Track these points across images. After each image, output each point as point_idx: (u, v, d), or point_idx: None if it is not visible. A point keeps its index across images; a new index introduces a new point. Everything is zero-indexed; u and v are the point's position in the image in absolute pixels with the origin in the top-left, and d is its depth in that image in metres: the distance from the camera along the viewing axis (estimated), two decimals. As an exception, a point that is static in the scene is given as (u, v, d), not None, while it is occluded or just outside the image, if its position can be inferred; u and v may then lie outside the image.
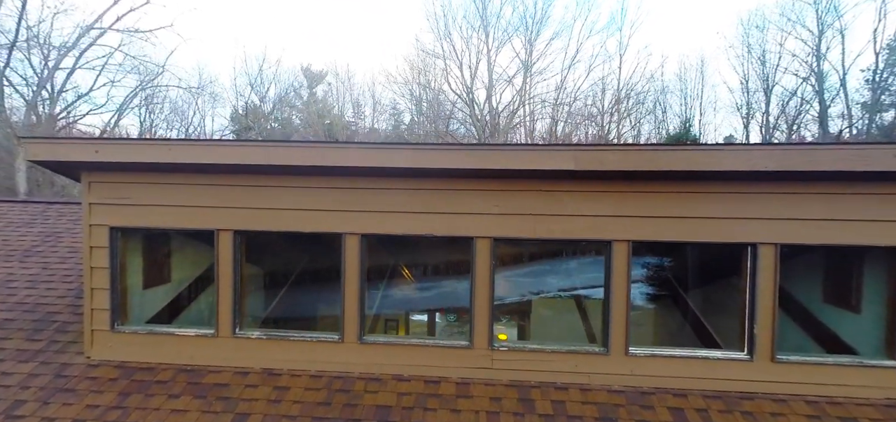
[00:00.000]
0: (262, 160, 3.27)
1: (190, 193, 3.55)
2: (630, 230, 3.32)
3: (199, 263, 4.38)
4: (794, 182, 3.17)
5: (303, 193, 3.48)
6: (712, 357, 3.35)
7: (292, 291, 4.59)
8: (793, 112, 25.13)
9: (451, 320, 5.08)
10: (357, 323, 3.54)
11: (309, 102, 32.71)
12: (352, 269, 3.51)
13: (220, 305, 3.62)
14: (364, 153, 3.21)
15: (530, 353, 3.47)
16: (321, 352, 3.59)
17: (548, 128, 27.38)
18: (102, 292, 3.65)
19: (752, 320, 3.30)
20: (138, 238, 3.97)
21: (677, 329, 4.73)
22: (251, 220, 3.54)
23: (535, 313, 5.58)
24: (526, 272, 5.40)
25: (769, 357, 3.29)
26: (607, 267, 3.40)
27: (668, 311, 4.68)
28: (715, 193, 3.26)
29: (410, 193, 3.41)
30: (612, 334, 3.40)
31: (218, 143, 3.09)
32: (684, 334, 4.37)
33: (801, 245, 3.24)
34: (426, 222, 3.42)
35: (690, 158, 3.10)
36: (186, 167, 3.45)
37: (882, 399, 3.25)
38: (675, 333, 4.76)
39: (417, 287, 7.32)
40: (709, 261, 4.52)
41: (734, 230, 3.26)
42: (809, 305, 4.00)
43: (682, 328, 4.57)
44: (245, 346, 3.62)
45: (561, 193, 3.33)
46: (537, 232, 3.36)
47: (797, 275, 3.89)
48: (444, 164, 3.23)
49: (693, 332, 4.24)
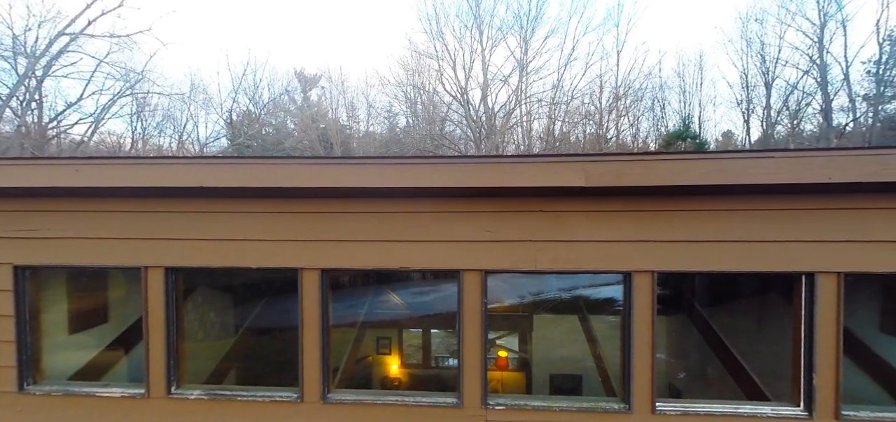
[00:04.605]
0: (192, 182, 2.60)
1: (112, 223, 2.89)
2: (655, 259, 2.66)
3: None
4: (860, 195, 2.53)
5: (248, 220, 2.82)
6: (761, 415, 2.70)
7: (247, 338, 3.94)
8: (794, 106, 24.58)
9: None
10: (319, 378, 2.87)
11: (303, 107, 32.04)
12: (311, 312, 2.84)
13: (150, 358, 2.94)
14: (316, 170, 2.55)
15: (534, 412, 2.80)
16: (277, 416, 2.92)
17: (545, 128, 26.79)
18: (7, 346, 2.97)
19: (810, 367, 2.65)
20: (60, 274, 3.30)
21: (709, 375, 4.07)
22: (187, 254, 2.87)
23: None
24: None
25: (833, 415, 2.64)
26: (627, 303, 2.74)
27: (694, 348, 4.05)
28: (760, 211, 2.61)
29: (380, 218, 2.75)
30: (634, 387, 2.74)
31: (137, 161, 2.42)
32: (720, 383, 3.70)
33: (869, 274, 2.59)
34: (401, 253, 2.76)
35: (732, 168, 2.45)
36: (103, 192, 2.79)
37: (974, 463, 2.60)
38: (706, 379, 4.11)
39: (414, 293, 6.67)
40: (752, 291, 3.90)
41: (785, 257, 2.60)
42: (865, 337, 3.35)
43: (717, 374, 3.92)
44: (183, 409, 2.94)
45: (568, 213, 2.68)
46: (539, 263, 2.70)
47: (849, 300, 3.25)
48: (423, 182, 2.57)
49: (733, 380, 3.59)
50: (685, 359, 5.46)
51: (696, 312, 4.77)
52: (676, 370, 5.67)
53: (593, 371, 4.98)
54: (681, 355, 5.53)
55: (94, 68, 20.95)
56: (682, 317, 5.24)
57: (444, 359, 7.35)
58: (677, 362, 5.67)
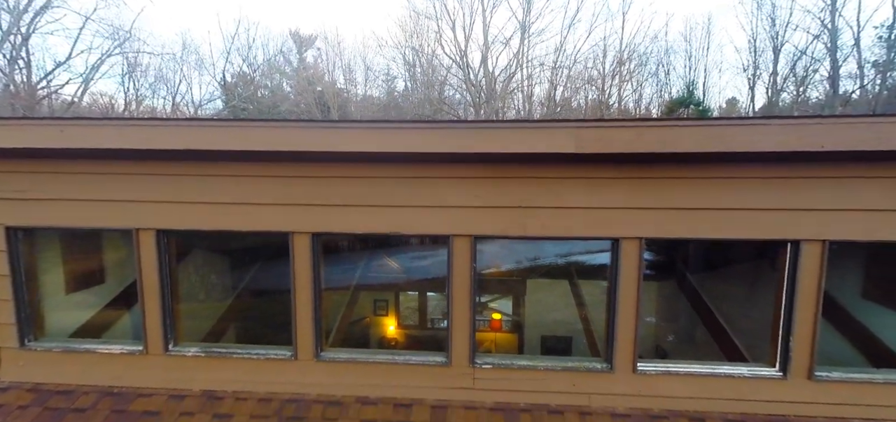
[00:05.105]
0: (178, 145, 2.57)
1: (101, 185, 2.88)
2: (643, 225, 2.68)
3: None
4: (851, 164, 2.52)
5: (239, 184, 2.81)
6: (737, 375, 2.80)
7: (243, 298, 4.01)
8: (801, 72, 24.02)
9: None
10: (312, 337, 2.95)
11: (299, 69, 31.23)
12: (303, 274, 2.89)
13: (146, 318, 3.01)
14: (305, 134, 2.52)
15: (519, 371, 2.90)
16: (271, 371, 3.02)
17: (546, 93, 26.26)
18: (5, 304, 3.03)
19: (788, 331, 2.72)
20: (54, 235, 3.32)
21: (697, 338, 4.17)
22: (178, 217, 2.87)
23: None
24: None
25: (806, 375, 2.74)
26: (614, 269, 2.78)
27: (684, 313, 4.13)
28: (749, 179, 2.61)
29: (371, 182, 2.74)
30: (617, 348, 2.83)
31: (123, 122, 2.38)
32: (707, 346, 3.80)
33: (854, 242, 2.61)
34: (391, 218, 2.77)
35: (725, 135, 2.42)
36: (92, 153, 2.76)
37: (938, 422, 2.73)
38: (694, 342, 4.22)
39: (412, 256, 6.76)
40: (742, 257, 3.94)
41: (772, 225, 2.62)
42: (847, 302, 3.43)
43: (698, 335, 4.02)
44: (180, 365, 3.04)
45: (558, 180, 2.67)
46: (528, 229, 2.72)
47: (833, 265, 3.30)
48: (412, 147, 2.54)
49: (713, 341, 3.69)
50: (675, 322, 5.61)
51: (685, 277, 4.86)
52: (666, 333, 5.84)
53: (583, 333, 5.12)
54: (671, 319, 5.68)
55: (82, 26, 20.29)
56: (672, 282, 5.33)
57: (439, 320, 7.54)
58: (667, 326, 5.83)
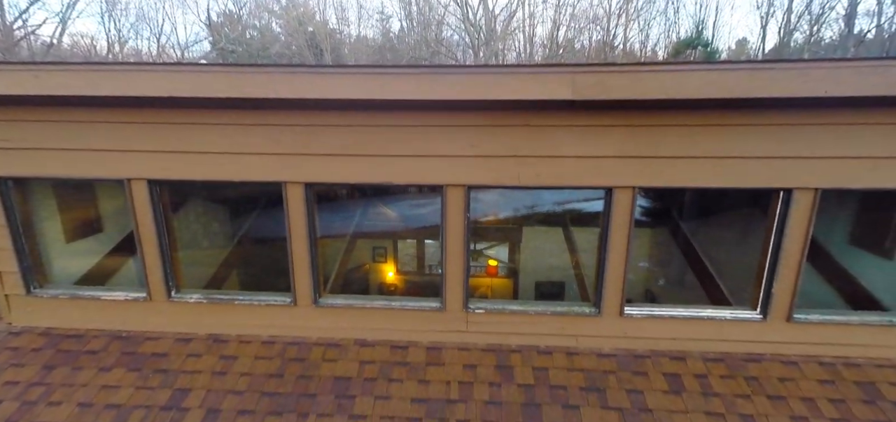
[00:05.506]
0: (160, 92, 2.49)
1: (89, 134, 2.82)
2: (636, 174, 2.67)
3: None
4: (849, 110, 2.47)
5: (230, 133, 2.75)
6: (719, 318, 2.92)
7: (245, 245, 4.07)
8: (817, 8, 22.89)
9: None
10: (310, 284, 3.04)
11: (288, 7, 29.55)
12: (298, 224, 2.91)
13: (147, 266, 3.08)
14: (292, 80, 2.43)
15: (511, 315, 3.02)
16: (273, 316, 3.13)
17: (549, 33, 25.14)
18: (5, 252, 3.08)
19: (772, 276, 2.81)
20: (47, 185, 3.31)
21: (688, 282, 4.28)
22: (169, 167, 2.84)
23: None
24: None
25: (785, 317, 2.86)
26: (606, 217, 2.81)
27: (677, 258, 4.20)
28: (745, 126, 2.56)
29: (363, 131, 2.69)
30: (605, 294, 2.93)
31: (99, 67, 2.30)
32: (698, 289, 3.91)
33: (846, 190, 2.62)
34: (385, 168, 2.75)
35: (727, 81, 2.33)
36: (73, 101, 2.68)
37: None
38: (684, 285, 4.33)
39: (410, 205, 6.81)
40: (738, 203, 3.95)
41: (767, 173, 2.61)
42: (832, 248, 3.50)
43: (689, 280, 4.13)
44: (185, 310, 3.15)
45: (552, 128, 2.62)
46: (522, 178, 2.71)
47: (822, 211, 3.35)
48: (403, 93, 2.46)
49: (700, 286, 3.80)
50: (667, 267, 5.76)
51: (679, 224, 4.92)
52: (657, 277, 6.01)
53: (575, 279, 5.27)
54: (663, 264, 5.82)
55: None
56: (667, 228, 5.41)
57: (437, 267, 7.72)
58: (659, 271, 5.99)
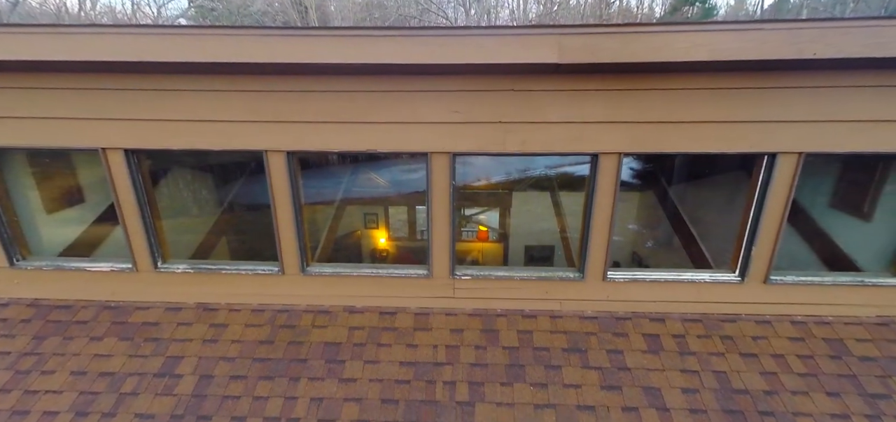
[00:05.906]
0: (128, 56, 2.37)
1: (60, 102, 2.70)
2: (622, 140, 2.65)
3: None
4: (836, 72, 2.44)
5: (209, 100, 2.65)
6: (698, 280, 3.00)
7: (233, 213, 4.02)
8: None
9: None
10: (296, 254, 3.04)
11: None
12: (281, 193, 2.88)
13: (130, 237, 3.05)
14: (264, 44, 2.32)
15: (496, 281, 3.07)
16: (262, 285, 3.16)
17: (543, -10, 24.12)
18: (-17, 226, 3.03)
19: (752, 239, 2.86)
20: (21, 155, 3.21)
21: (675, 244, 4.34)
22: (145, 136, 2.76)
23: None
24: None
25: (762, 279, 2.94)
26: (591, 183, 2.81)
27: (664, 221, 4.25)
28: (731, 89, 2.53)
29: (345, 96, 2.61)
30: (589, 258, 2.98)
31: (63, 29, 2.18)
32: (683, 252, 3.98)
33: (831, 154, 2.63)
34: (368, 135, 2.69)
35: (717, 42, 2.27)
36: (37, 66, 2.55)
37: (873, 317, 3.01)
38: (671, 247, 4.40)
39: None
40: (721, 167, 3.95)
41: (751, 137, 2.61)
42: (812, 210, 3.56)
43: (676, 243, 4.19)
44: (173, 280, 3.16)
45: (538, 93, 2.57)
46: (507, 145, 2.68)
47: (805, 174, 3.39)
48: (382, 57, 2.37)
49: (683, 249, 3.87)
50: (655, 230, 5.85)
51: (667, 187, 4.96)
52: (645, 240, 6.12)
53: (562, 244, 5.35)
54: (651, 226, 5.91)
55: None
56: (655, 191, 5.45)
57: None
58: (647, 233, 6.08)
